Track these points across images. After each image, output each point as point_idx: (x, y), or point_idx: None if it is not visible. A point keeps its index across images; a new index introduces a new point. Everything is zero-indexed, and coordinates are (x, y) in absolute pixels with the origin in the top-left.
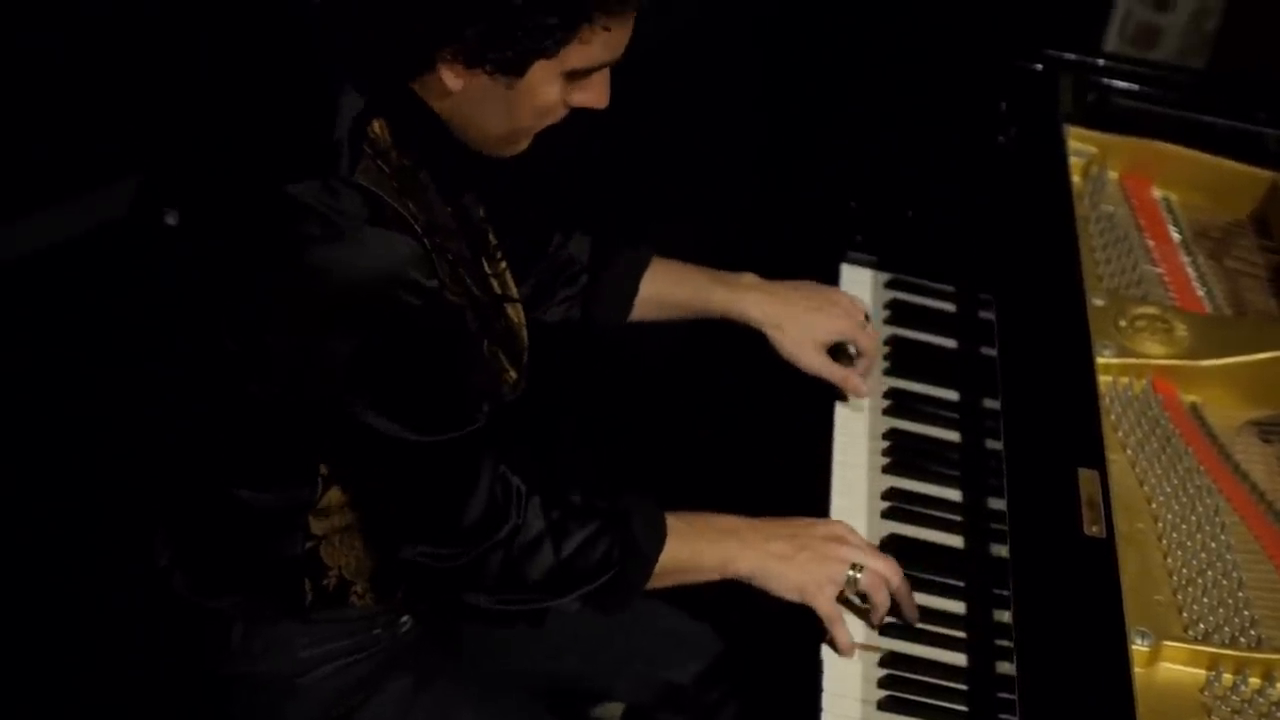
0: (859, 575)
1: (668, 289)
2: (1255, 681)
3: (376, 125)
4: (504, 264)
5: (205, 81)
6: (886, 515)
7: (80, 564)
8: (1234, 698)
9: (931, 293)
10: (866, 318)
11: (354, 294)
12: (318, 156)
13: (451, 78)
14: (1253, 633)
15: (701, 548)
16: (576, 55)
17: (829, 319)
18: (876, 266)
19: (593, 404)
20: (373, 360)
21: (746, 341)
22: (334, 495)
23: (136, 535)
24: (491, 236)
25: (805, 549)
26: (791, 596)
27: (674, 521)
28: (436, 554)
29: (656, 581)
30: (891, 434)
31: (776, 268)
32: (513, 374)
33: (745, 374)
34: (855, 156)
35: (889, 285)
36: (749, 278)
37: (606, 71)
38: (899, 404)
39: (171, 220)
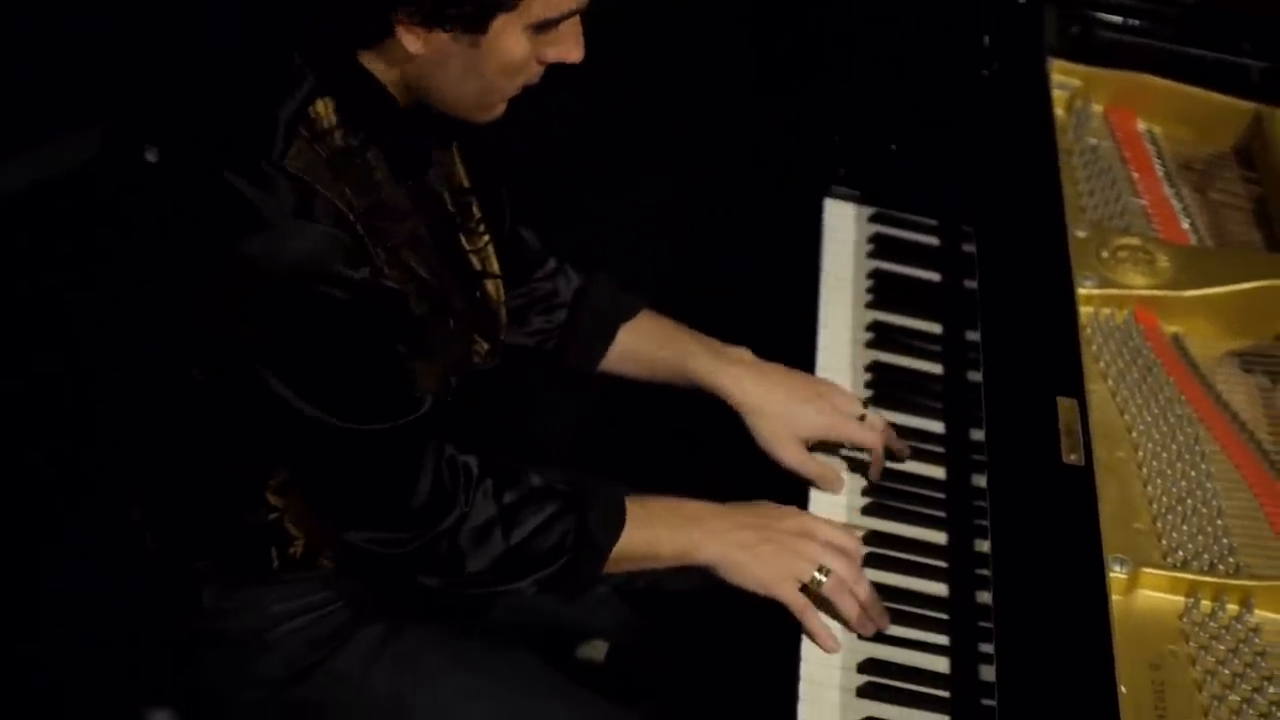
0: (823, 579)
1: (650, 346)
2: (1233, 608)
3: (320, 105)
4: (486, 238)
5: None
6: None
7: (51, 515)
8: (1211, 624)
9: (915, 226)
10: (865, 407)
11: (275, 286)
12: (254, 140)
13: (412, 40)
14: (1231, 560)
15: (662, 534)
16: (540, 5)
17: (816, 414)
18: (860, 201)
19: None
20: (299, 351)
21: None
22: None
23: (109, 488)
24: (475, 209)
25: (770, 541)
26: (753, 588)
27: (634, 508)
28: (381, 540)
29: (614, 567)
30: (874, 366)
31: (761, 203)
32: (485, 345)
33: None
34: (838, 91)
35: (872, 219)
36: (740, 352)
37: (577, 22)
38: (881, 337)
39: (152, 157)
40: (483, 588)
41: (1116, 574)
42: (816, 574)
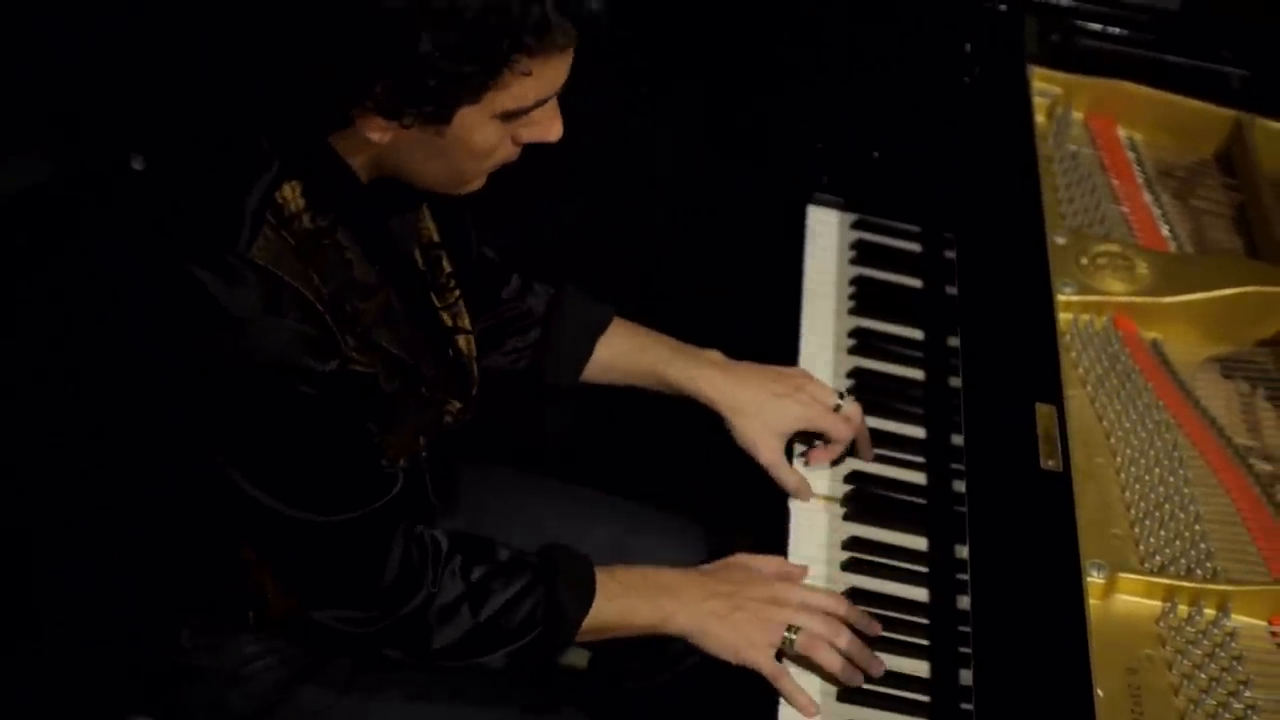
0: (794, 637)
1: (624, 356)
2: (1210, 612)
3: (288, 189)
4: (457, 293)
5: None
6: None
7: (32, 544)
8: (1188, 628)
9: (897, 233)
10: (841, 396)
11: (241, 383)
12: (219, 230)
13: (373, 131)
14: (1209, 565)
15: (634, 604)
16: (505, 98)
17: (795, 406)
18: (843, 207)
19: None
20: (265, 448)
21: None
22: None
23: (89, 523)
24: (445, 263)
25: (740, 609)
26: (727, 657)
27: (604, 578)
28: (348, 618)
29: (586, 638)
30: (856, 372)
31: (745, 209)
32: (457, 405)
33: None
34: (822, 98)
35: (855, 225)
36: (712, 354)
37: (553, 103)
38: (863, 343)
39: (138, 165)
40: (452, 661)
41: (1094, 579)
42: (787, 634)
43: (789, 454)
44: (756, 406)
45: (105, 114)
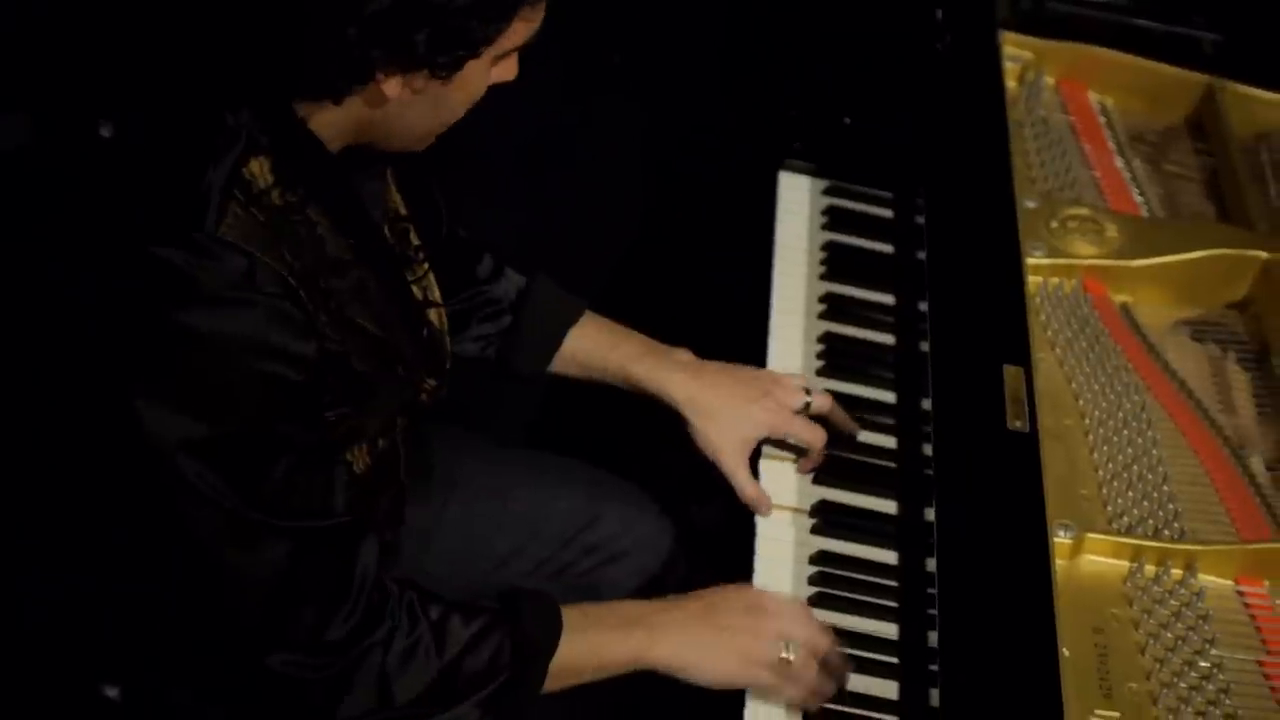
0: (792, 657)
1: (593, 351)
2: (1177, 573)
3: (255, 165)
4: (426, 265)
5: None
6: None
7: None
8: (1155, 588)
9: (869, 199)
10: (807, 392)
11: (217, 362)
12: (182, 210)
13: (391, 86)
14: (1176, 525)
15: (605, 640)
16: (505, 42)
17: (761, 413)
18: (815, 174)
19: None
20: (237, 434)
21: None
22: None
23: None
24: (413, 236)
25: (726, 629)
26: (721, 684)
27: (570, 613)
28: (304, 661)
29: (558, 681)
30: (826, 337)
31: (716, 176)
32: (432, 382)
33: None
34: (793, 65)
35: (827, 192)
36: (682, 355)
37: None
38: (834, 308)
39: (106, 132)
40: (418, 713)
41: (1061, 539)
42: (785, 653)
43: (758, 455)
44: (722, 412)
45: (74, 79)
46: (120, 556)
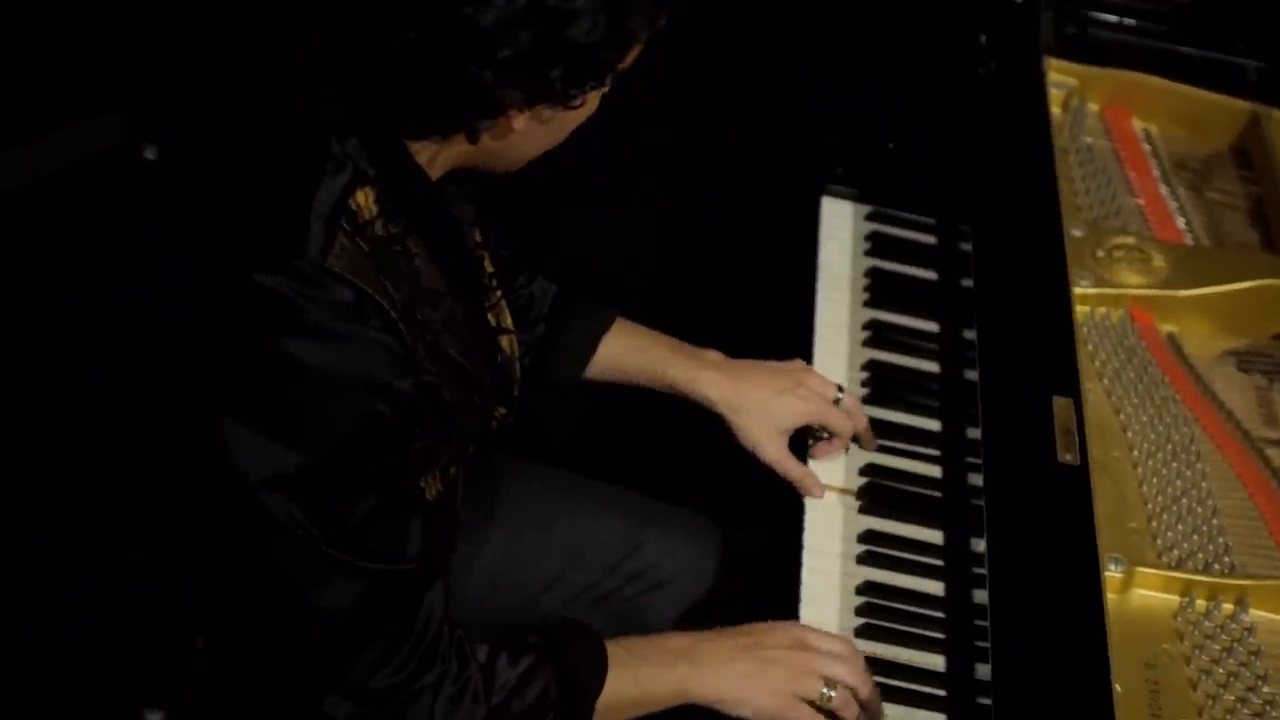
0: (832, 694)
1: (626, 355)
2: (1228, 607)
3: (360, 195)
4: (499, 292)
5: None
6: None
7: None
8: (1206, 623)
9: (912, 225)
10: (840, 389)
11: (318, 393)
12: (288, 237)
13: (520, 120)
14: (1226, 559)
15: (650, 673)
16: (624, 65)
17: (796, 402)
18: (857, 199)
19: None
20: (327, 468)
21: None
22: None
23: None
24: (487, 264)
25: (771, 663)
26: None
27: (614, 648)
28: (357, 705)
29: (602, 719)
30: (871, 365)
31: (759, 201)
32: (502, 410)
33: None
34: (836, 89)
35: (869, 217)
36: (712, 355)
37: None
38: (878, 335)
39: (150, 155)
40: None
41: (1111, 573)
42: (825, 689)
43: (794, 450)
44: (757, 404)
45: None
46: (185, 579)
